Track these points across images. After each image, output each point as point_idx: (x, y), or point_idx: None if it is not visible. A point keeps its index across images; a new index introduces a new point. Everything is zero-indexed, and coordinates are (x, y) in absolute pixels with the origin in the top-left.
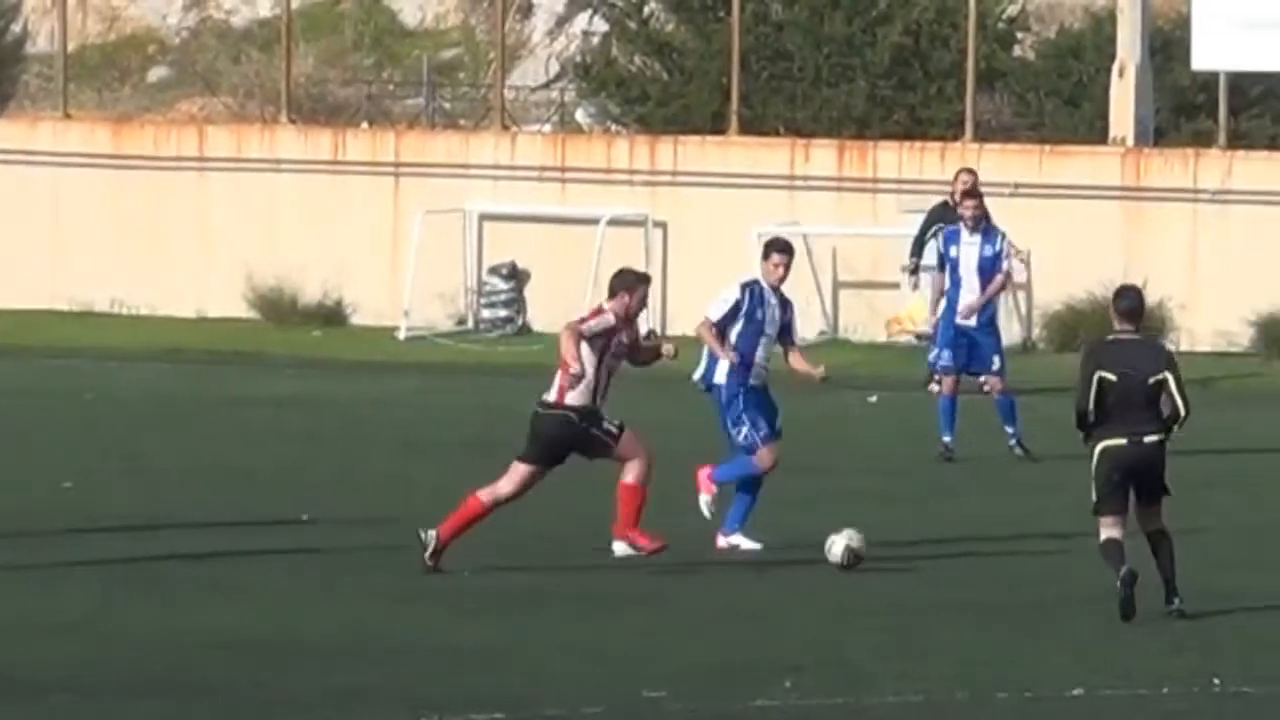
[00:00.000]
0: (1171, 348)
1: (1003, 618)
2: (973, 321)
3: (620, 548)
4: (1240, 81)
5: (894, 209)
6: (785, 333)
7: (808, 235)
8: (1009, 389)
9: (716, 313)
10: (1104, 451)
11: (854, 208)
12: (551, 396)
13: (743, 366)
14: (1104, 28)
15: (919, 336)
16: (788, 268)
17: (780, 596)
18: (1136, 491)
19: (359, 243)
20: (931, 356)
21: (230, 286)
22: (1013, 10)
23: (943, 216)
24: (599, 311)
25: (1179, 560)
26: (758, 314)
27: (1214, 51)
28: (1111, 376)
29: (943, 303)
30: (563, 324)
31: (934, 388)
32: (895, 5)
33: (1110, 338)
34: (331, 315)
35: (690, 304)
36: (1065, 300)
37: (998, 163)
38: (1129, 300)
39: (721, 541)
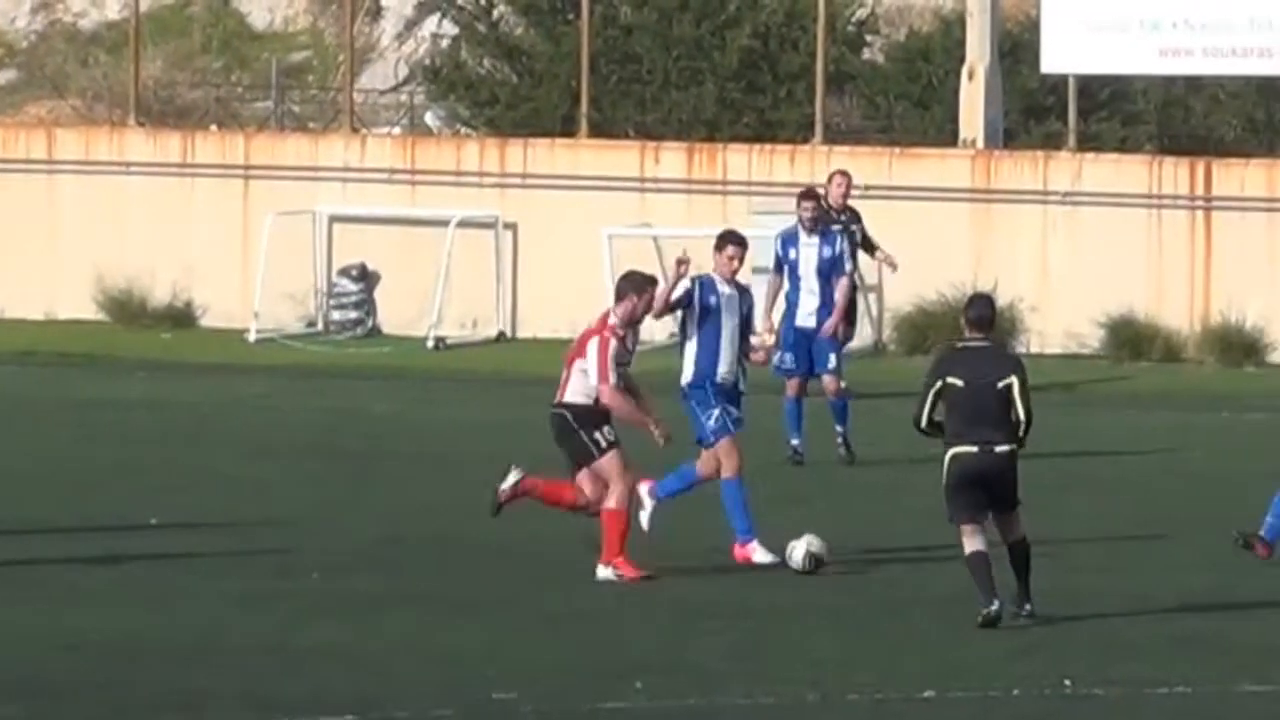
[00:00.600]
0: (1022, 350)
1: (853, 620)
2: (812, 323)
3: (604, 572)
4: (1089, 84)
5: (744, 211)
6: (746, 325)
7: (658, 237)
8: (845, 391)
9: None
10: (954, 459)
11: (704, 210)
12: (557, 395)
13: (710, 363)
14: (953, 31)
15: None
16: (741, 259)
17: (629, 599)
18: (989, 501)
19: (208, 245)
20: (775, 359)
21: (80, 289)
22: (862, 13)
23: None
24: (605, 322)
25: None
26: (711, 300)
27: (1063, 54)
28: (959, 383)
29: (781, 305)
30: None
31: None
32: (744, 8)
33: (960, 345)
34: (181, 317)
35: (541, 306)
36: (915, 302)
37: (847, 165)
38: (979, 309)
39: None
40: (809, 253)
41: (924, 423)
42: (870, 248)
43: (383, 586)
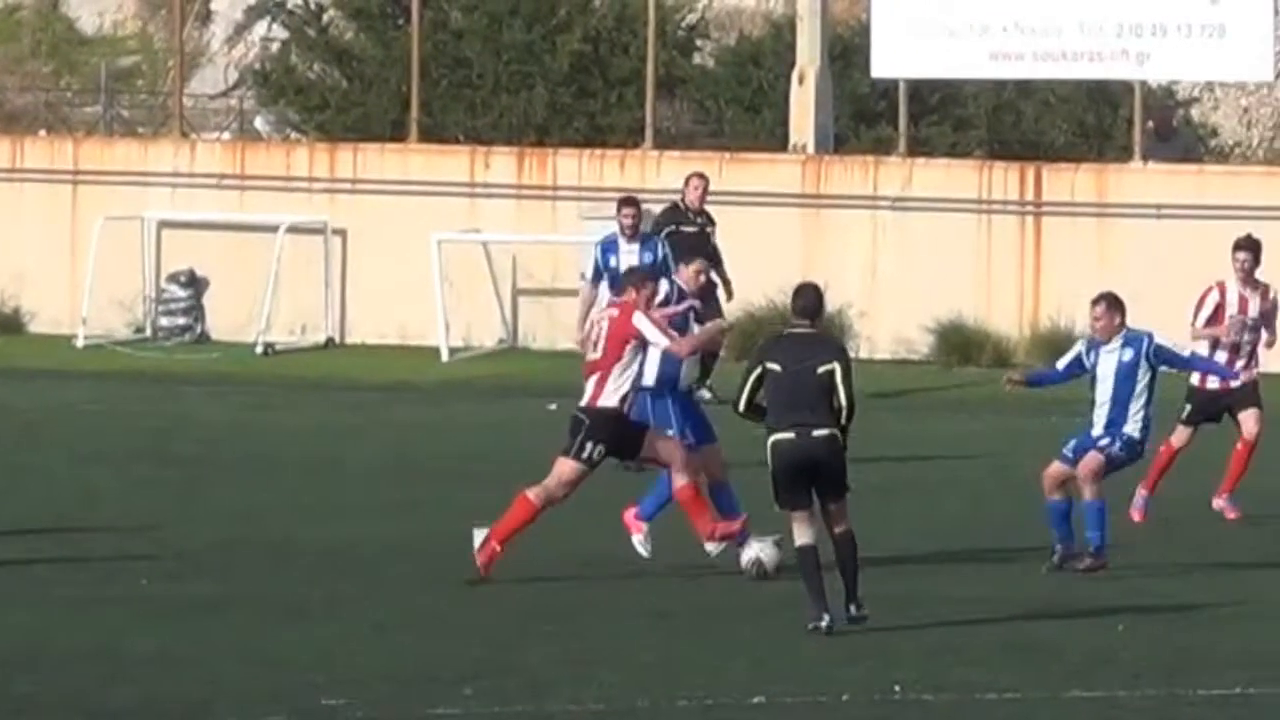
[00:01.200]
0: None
1: (682, 625)
2: None
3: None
4: (920, 89)
5: (574, 216)
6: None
7: (488, 243)
8: None
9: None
10: (773, 445)
11: (534, 215)
12: (587, 400)
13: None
14: (784, 35)
15: None
16: (708, 272)
17: (459, 604)
18: (814, 488)
19: (37, 250)
20: None
21: None
22: (692, 18)
23: (673, 218)
24: (626, 304)
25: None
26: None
27: (893, 59)
28: (777, 368)
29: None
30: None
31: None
32: (574, 13)
33: (785, 332)
34: (9, 323)
35: (370, 311)
36: (745, 307)
37: (678, 170)
38: (804, 298)
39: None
40: (629, 260)
41: (742, 406)
42: (717, 261)
43: (212, 591)
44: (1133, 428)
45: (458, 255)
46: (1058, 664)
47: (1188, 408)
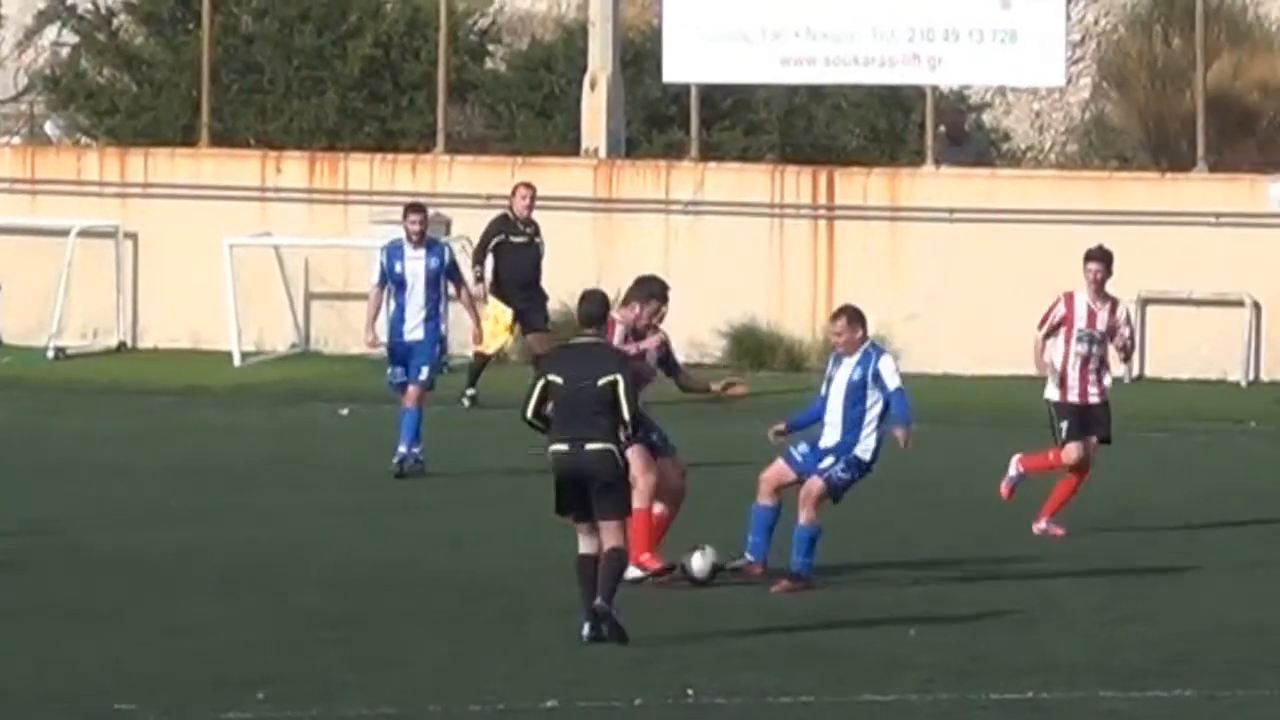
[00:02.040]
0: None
1: (475, 629)
2: (420, 335)
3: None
4: (711, 94)
5: (366, 221)
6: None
7: (280, 246)
8: (423, 403)
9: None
10: (551, 456)
11: (326, 219)
12: None
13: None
14: (576, 40)
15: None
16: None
17: (251, 609)
18: (586, 501)
19: None
20: (388, 375)
21: None
22: (484, 23)
23: (502, 228)
24: (611, 325)
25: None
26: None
27: (685, 63)
28: (559, 380)
29: (383, 318)
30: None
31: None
32: (366, 18)
33: (571, 342)
34: None
35: (162, 316)
36: None
37: (470, 175)
38: (589, 305)
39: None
40: (415, 266)
41: (529, 413)
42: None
43: (2, 597)
44: (863, 450)
45: (250, 259)
46: (850, 668)
47: (1064, 425)
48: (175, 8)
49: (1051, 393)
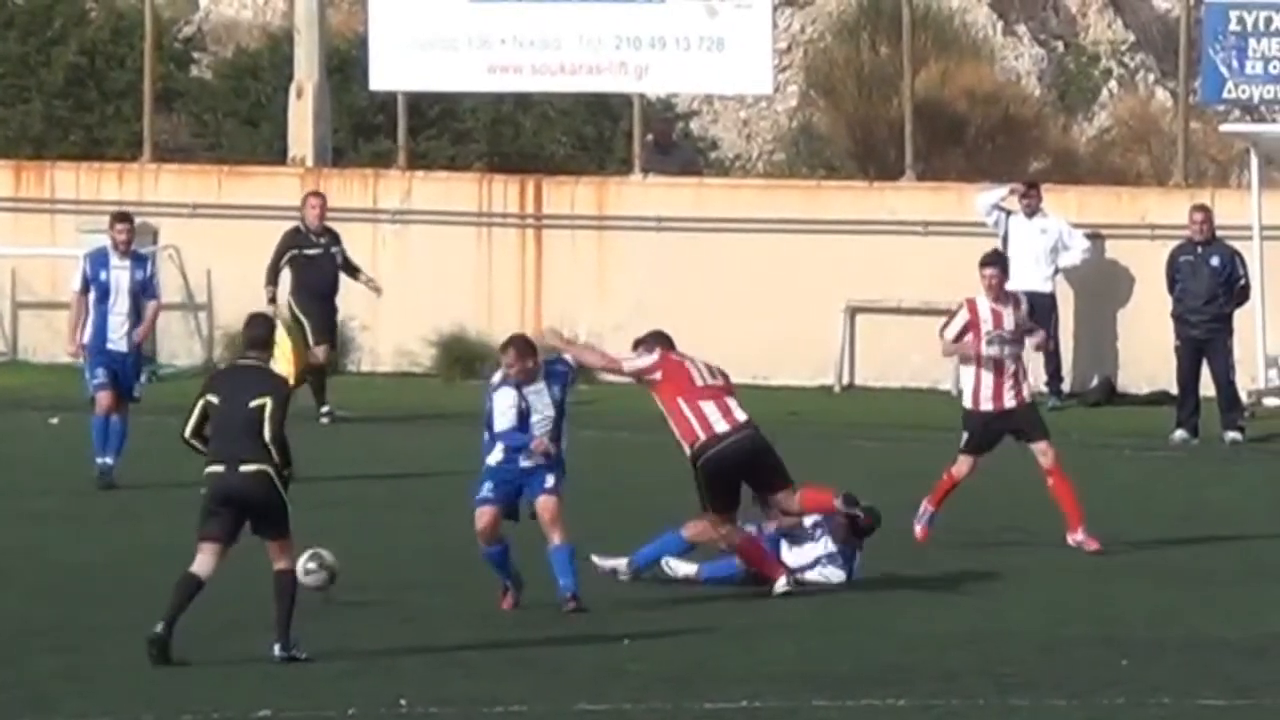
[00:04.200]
0: (354, 369)
1: (194, 640)
2: (124, 345)
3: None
4: (419, 102)
5: (73, 229)
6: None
7: None
8: (125, 414)
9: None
10: (206, 478)
11: (32, 228)
12: (742, 415)
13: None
14: (282, 48)
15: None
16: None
17: None
18: (238, 523)
19: None
20: (88, 378)
21: None
22: (189, 30)
23: (294, 242)
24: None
25: (292, 595)
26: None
27: (392, 71)
28: (215, 400)
29: (88, 326)
30: None
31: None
32: (70, 25)
33: (234, 363)
34: None
35: None
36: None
37: (177, 184)
38: (254, 329)
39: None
40: (120, 275)
41: (188, 433)
42: (352, 271)
43: None
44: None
45: None
46: (564, 678)
47: (965, 435)
48: None
49: (967, 399)
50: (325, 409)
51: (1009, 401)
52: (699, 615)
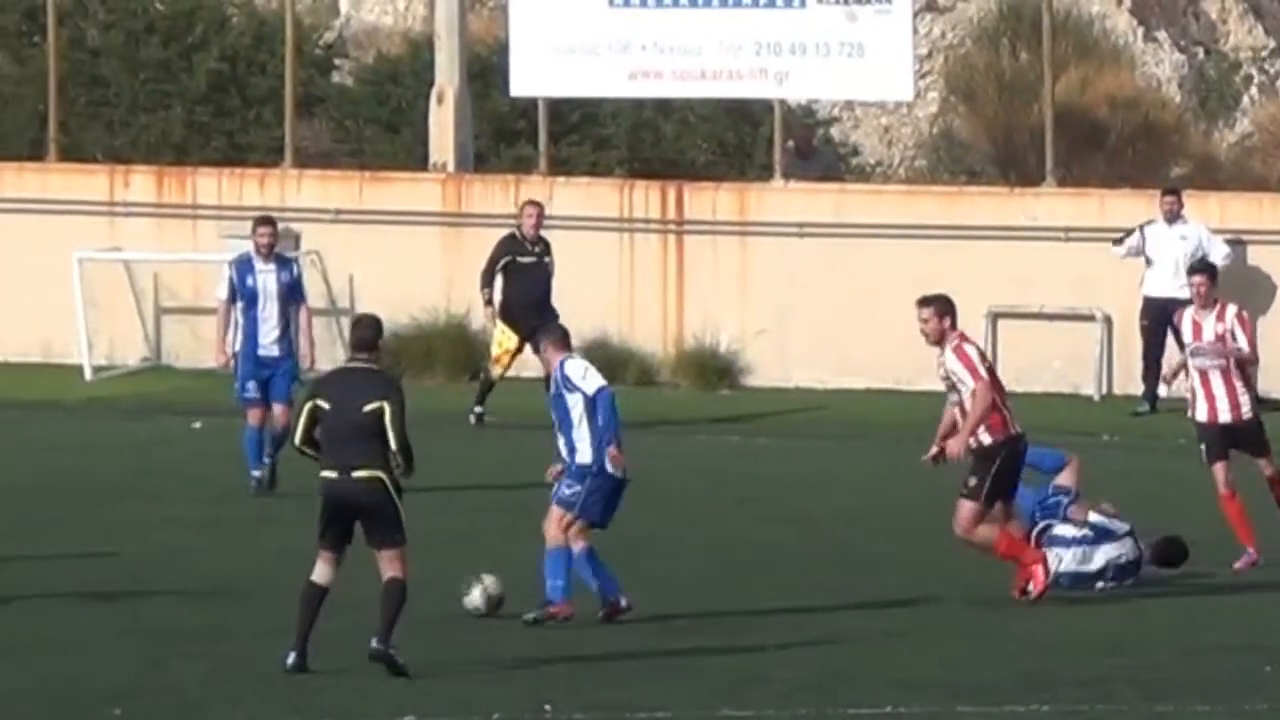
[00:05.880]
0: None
1: (327, 644)
2: (276, 351)
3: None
4: (559, 107)
5: (215, 235)
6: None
7: (129, 261)
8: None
9: None
10: (320, 483)
11: (175, 234)
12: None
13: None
14: (422, 54)
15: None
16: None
17: (103, 625)
18: (349, 530)
19: None
20: (238, 389)
21: None
22: (330, 36)
23: (510, 249)
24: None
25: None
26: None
27: (532, 77)
28: (325, 405)
29: (238, 334)
30: None
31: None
32: (211, 31)
33: (343, 365)
34: None
35: (12, 329)
36: (389, 327)
37: (318, 189)
38: (361, 330)
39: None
40: (267, 279)
41: (298, 440)
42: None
43: None
44: (583, 454)
45: (99, 274)
46: (706, 684)
47: (1202, 447)
48: (21, 21)
49: (1202, 412)
50: (479, 410)
51: (1224, 416)
52: (840, 622)
